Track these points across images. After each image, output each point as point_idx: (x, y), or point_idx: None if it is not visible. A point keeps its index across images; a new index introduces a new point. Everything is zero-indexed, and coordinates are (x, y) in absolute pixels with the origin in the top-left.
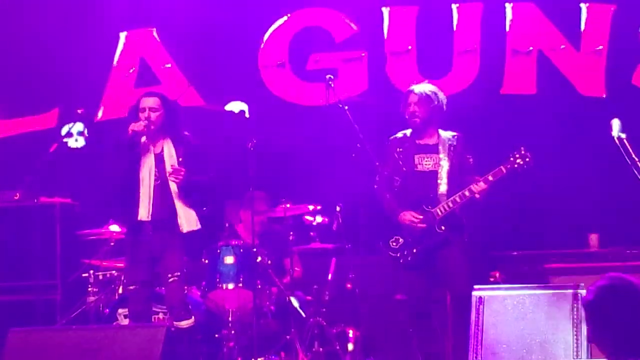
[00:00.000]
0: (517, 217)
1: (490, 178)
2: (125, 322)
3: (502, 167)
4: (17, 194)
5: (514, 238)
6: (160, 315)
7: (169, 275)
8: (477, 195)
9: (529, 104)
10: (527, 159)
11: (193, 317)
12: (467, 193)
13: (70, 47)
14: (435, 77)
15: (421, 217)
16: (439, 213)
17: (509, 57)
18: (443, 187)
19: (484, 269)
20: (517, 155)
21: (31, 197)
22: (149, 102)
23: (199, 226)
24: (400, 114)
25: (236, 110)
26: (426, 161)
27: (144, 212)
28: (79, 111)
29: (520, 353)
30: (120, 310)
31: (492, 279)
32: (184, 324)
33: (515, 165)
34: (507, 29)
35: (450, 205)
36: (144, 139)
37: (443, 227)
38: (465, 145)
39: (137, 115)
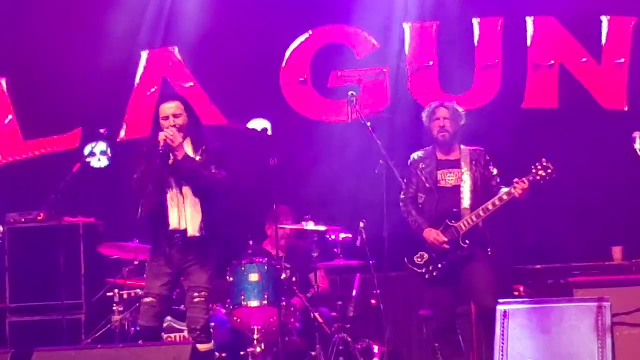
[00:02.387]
0: (540, 231)
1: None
2: None
3: (524, 178)
4: (41, 214)
5: (538, 252)
6: (186, 334)
7: (195, 295)
8: (518, 194)
9: (551, 118)
10: (550, 170)
11: (213, 342)
12: (496, 203)
13: (92, 67)
14: (457, 92)
15: (446, 239)
16: (463, 227)
17: (531, 71)
18: (466, 202)
19: (508, 283)
20: (539, 167)
21: (55, 217)
22: (171, 108)
23: (202, 234)
24: (422, 128)
25: (259, 128)
26: (449, 177)
27: (175, 220)
28: (102, 131)
29: None
30: None
31: (516, 293)
32: (203, 348)
33: (538, 177)
34: (529, 43)
35: (474, 219)
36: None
37: (467, 242)
38: (487, 159)
39: (160, 125)
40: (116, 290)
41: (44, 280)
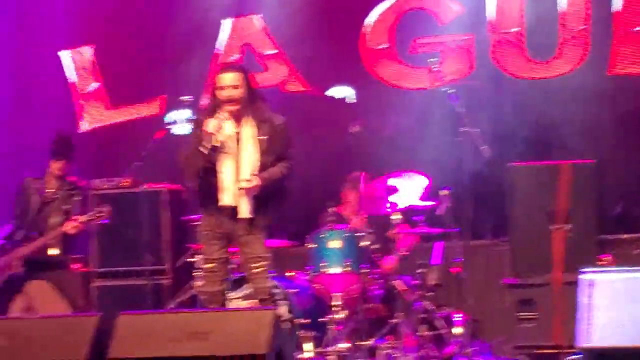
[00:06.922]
0: (626, 199)
1: None
2: (234, 305)
3: None
4: (127, 181)
5: (624, 221)
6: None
7: (253, 266)
8: None
9: (638, 84)
10: None
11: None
12: None
13: (176, 35)
14: (543, 59)
15: None
16: None
17: (618, 37)
18: None
19: (594, 253)
20: None
21: (139, 184)
22: (229, 78)
23: (254, 214)
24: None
25: (340, 95)
26: None
27: (227, 199)
28: (185, 98)
29: (633, 336)
30: (229, 295)
31: (602, 263)
32: None
33: None
34: (618, 8)
35: None
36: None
37: None
38: None
39: (216, 96)
40: (199, 256)
41: (129, 245)
